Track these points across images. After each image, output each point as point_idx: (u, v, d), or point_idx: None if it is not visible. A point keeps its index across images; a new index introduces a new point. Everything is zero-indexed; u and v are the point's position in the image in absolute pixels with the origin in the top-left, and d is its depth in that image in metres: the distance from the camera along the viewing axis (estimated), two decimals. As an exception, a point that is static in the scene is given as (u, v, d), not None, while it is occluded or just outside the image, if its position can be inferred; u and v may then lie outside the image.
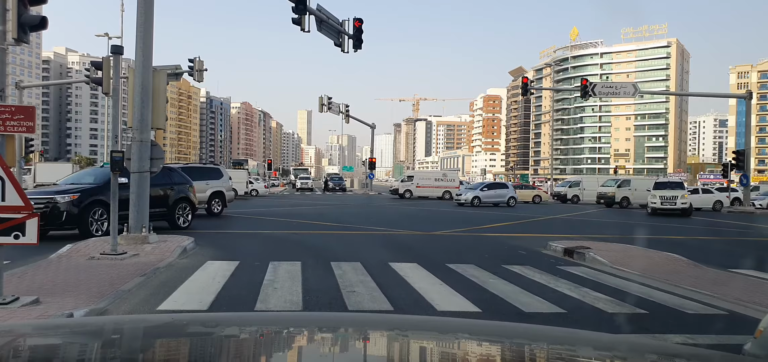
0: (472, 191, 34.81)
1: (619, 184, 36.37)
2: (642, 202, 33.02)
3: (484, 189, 34.76)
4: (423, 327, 1.86)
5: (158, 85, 12.41)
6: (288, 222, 19.53)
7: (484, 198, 33.57)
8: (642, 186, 35.33)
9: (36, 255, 9.46)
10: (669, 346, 2.68)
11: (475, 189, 35.45)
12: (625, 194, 35.36)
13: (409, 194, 45.19)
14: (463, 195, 34.41)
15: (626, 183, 36.66)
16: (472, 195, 33.87)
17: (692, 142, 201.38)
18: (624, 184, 36.37)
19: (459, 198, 35.01)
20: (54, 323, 2.62)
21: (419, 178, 47.43)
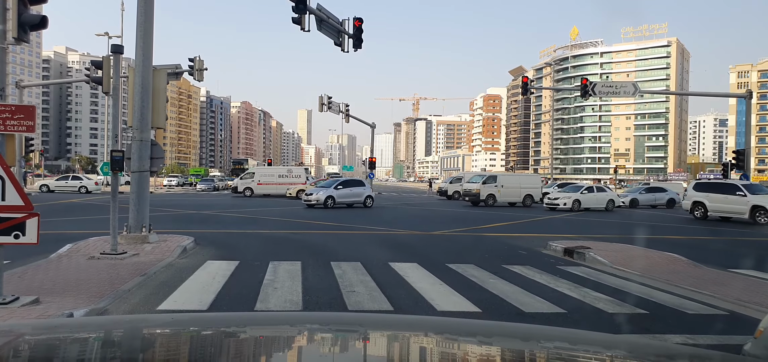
0: (325, 190, 28.23)
1: (484, 181, 33.66)
2: (510, 200, 33.17)
3: (338, 187, 28.57)
4: (423, 327, 1.86)
5: (158, 84, 12.40)
6: (288, 221, 19.53)
7: (338, 199, 27.86)
8: (510, 183, 34.42)
9: (36, 254, 9.46)
10: (669, 346, 2.68)
11: (329, 187, 28.73)
12: (490, 191, 33.14)
13: (249, 192, 41.66)
14: (314, 195, 27.79)
15: (492, 179, 33.97)
16: (325, 194, 27.59)
17: (692, 141, 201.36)
18: (489, 181, 33.69)
19: (309, 198, 27.91)
20: (54, 323, 2.62)
21: (261, 175, 43.85)
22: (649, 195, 37.00)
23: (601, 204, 30.34)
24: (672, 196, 36.45)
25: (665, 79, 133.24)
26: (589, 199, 30.04)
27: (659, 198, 36.52)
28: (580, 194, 29.87)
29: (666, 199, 36.33)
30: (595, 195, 30.54)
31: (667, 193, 37.08)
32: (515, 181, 35.49)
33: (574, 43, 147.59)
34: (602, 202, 30.41)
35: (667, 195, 36.63)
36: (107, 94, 13.97)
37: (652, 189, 38.83)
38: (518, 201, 33.67)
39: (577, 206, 29.25)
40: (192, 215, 22.17)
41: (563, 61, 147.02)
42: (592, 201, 30.10)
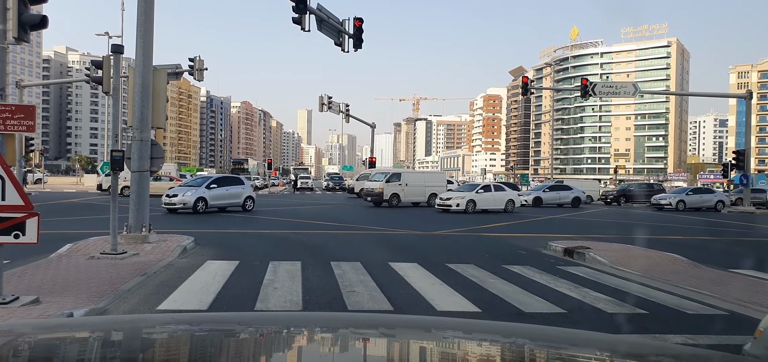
0: (193, 190, 21.78)
1: (387, 179, 30.17)
2: (414, 200, 30.45)
3: (211, 186, 22.48)
4: (423, 327, 1.86)
5: (158, 84, 12.40)
6: (288, 221, 19.53)
7: (211, 201, 22.09)
8: (415, 181, 31.16)
9: (36, 254, 9.47)
10: (669, 346, 2.68)
11: (199, 186, 22.28)
12: (394, 190, 29.81)
13: None
14: (179, 197, 21.38)
15: (396, 177, 30.53)
16: (195, 196, 21.37)
17: (692, 141, 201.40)
18: (393, 179, 30.21)
19: (172, 202, 21.44)
20: (54, 323, 2.62)
21: None
22: (553, 193, 35.52)
23: (500, 204, 26.94)
24: (577, 194, 35.17)
25: (665, 79, 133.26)
26: (485, 199, 26.57)
27: (564, 196, 35.15)
28: (475, 194, 26.40)
29: (571, 198, 34.93)
30: (492, 195, 27.07)
31: (572, 191, 35.59)
32: (420, 179, 32.01)
33: (574, 43, 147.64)
34: (501, 202, 27.00)
35: (572, 194, 35.22)
36: (107, 94, 13.98)
37: (556, 187, 37.14)
38: (423, 200, 30.79)
39: (472, 207, 25.78)
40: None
41: (563, 62, 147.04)
42: (489, 202, 26.67)
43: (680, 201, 32.95)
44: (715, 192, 37.24)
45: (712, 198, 34.65)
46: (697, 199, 33.85)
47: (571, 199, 34.99)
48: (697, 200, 33.82)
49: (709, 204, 33.77)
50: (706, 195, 35.19)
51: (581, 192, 36.05)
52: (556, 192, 35.75)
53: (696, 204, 33.33)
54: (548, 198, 34.98)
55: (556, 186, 38.10)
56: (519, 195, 30.62)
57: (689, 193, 34.62)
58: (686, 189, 36.15)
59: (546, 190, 36.17)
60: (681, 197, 33.52)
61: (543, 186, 39.20)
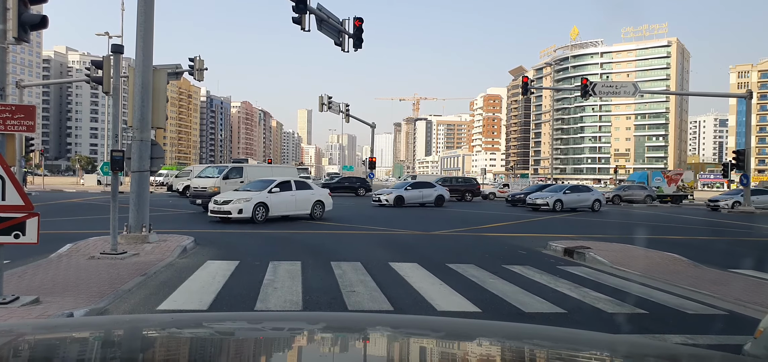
0: None
1: (225, 175, 23.42)
2: None
3: None
4: (423, 327, 1.86)
5: (158, 84, 12.40)
6: (288, 221, 19.52)
7: None
8: (261, 176, 22.29)
9: (36, 254, 9.47)
10: (669, 346, 2.68)
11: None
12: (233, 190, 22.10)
13: None
14: None
15: (236, 172, 24.36)
16: None
17: (692, 141, 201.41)
18: (233, 175, 23.77)
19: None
20: (54, 323, 2.62)
21: None
22: (416, 191, 31.05)
23: (305, 208, 19.50)
24: (440, 193, 31.49)
25: (665, 79, 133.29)
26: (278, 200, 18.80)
27: (427, 195, 31.05)
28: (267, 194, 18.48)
29: (434, 196, 31.12)
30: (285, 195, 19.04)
31: (435, 189, 31.83)
32: (266, 174, 23.91)
33: (574, 43, 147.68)
34: (305, 207, 19.50)
35: (436, 192, 31.46)
36: (107, 94, 13.98)
37: (418, 185, 32.40)
38: None
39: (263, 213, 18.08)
40: (193, 215, 22.16)
41: (563, 61, 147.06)
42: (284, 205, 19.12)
43: (557, 200, 29.02)
44: (593, 190, 32.76)
45: (590, 198, 30.64)
46: (575, 198, 30.18)
47: (434, 198, 30.74)
48: (575, 199, 30.16)
49: (586, 204, 30.20)
50: (584, 194, 31.11)
51: (444, 191, 31.84)
52: (419, 191, 30.98)
53: (573, 204, 29.80)
54: (410, 196, 30.32)
55: (418, 183, 32.76)
56: (380, 194, 29.48)
57: (566, 191, 30.42)
58: (563, 187, 31.69)
59: (408, 188, 31.01)
60: (558, 196, 29.43)
61: (405, 183, 33.01)
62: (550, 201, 28.71)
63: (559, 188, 31.70)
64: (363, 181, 47.49)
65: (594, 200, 30.36)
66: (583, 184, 36.62)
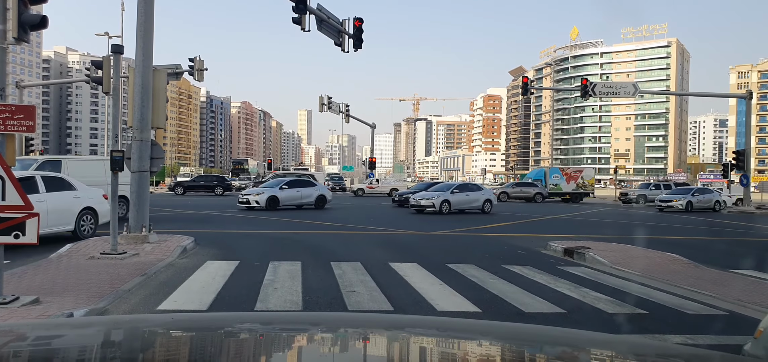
0: None
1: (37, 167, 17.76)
2: None
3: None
4: (423, 327, 1.86)
5: (158, 84, 12.40)
6: (288, 221, 19.53)
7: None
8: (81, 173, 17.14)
9: (36, 254, 9.47)
10: (669, 346, 2.68)
11: None
12: None
13: None
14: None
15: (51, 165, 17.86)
16: None
17: (692, 141, 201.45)
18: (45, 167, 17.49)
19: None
20: (54, 323, 2.62)
21: None
22: (293, 191, 26.63)
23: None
24: (323, 193, 27.57)
25: (665, 79, 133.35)
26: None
27: (306, 195, 26.87)
28: None
29: (315, 197, 27.06)
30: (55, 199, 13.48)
31: (316, 189, 27.57)
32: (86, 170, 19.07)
33: (574, 43, 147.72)
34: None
35: (317, 192, 27.27)
36: (107, 94, 13.99)
37: (296, 183, 27.60)
38: None
39: None
40: (192, 215, 22.18)
41: (563, 62, 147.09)
42: None
43: (444, 201, 24.61)
44: (483, 189, 28.70)
45: (480, 197, 26.31)
46: (463, 199, 25.56)
47: (314, 199, 26.45)
48: (464, 199, 25.55)
49: (476, 205, 25.94)
50: (474, 194, 26.45)
51: (326, 191, 28.11)
52: (297, 190, 26.50)
53: (462, 205, 25.38)
54: (286, 197, 25.66)
55: (296, 181, 28.01)
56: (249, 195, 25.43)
57: (455, 191, 25.62)
58: (452, 186, 26.94)
59: (283, 187, 26.19)
60: (445, 196, 24.87)
61: (280, 181, 27.41)
62: (436, 201, 24.30)
63: (446, 187, 26.95)
64: (221, 180, 45.85)
65: (485, 200, 26.16)
66: (473, 183, 32.57)
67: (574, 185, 45.96)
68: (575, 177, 46.88)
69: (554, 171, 48.84)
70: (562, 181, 46.07)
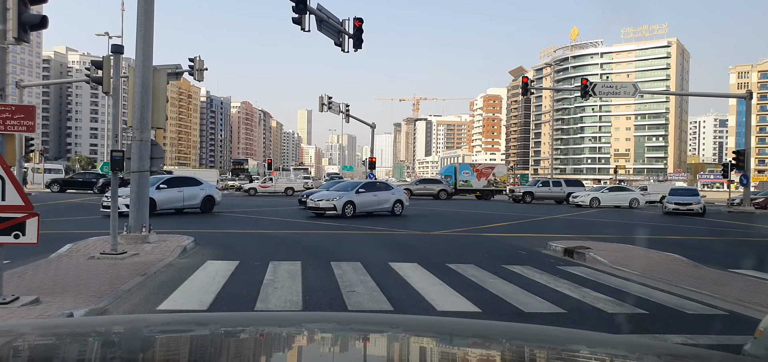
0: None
1: None
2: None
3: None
4: (423, 327, 1.86)
5: (158, 84, 12.40)
6: (288, 221, 19.52)
7: None
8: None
9: (36, 254, 9.46)
10: (669, 346, 2.68)
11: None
12: None
13: None
14: None
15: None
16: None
17: (692, 142, 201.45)
18: None
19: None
20: (54, 323, 2.62)
21: None
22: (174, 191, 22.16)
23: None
24: (210, 193, 23.55)
25: (665, 79, 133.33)
26: None
27: (189, 196, 22.91)
28: None
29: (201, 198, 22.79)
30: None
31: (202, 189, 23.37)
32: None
33: (574, 43, 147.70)
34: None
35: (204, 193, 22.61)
36: (107, 94, 14.00)
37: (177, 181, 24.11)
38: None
39: None
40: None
41: (563, 62, 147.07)
42: None
43: (347, 202, 20.98)
44: (394, 189, 24.55)
45: (390, 198, 22.76)
46: (371, 200, 22.03)
47: (200, 201, 21.68)
48: (371, 201, 22.06)
49: (385, 206, 22.26)
50: (383, 194, 22.68)
51: (215, 190, 23.70)
52: (178, 190, 21.72)
53: (369, 207, 21.91)
54: (165, 198, 20.76)
55: (176, 179, 23.75)
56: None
57: (360, 190, 21.94)
58: (357, 184, 23.10)
59: (161, 186, 20.91)
60: (349, 197, 21.21)
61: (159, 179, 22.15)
62: (337, 203, 20.58)
63: (351, 185, 23.06)
64: (101, 176, 40.83)
65: (395, 201, 22.53)
66: (383, 181, 27.20)
67: (486, 182, 45.42)
68: (486, 173, 46.30)
69: (465, 167, 48.00)
70: (473, 177, 45.44)
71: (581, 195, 36.48)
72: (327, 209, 20.73)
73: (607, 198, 35.65)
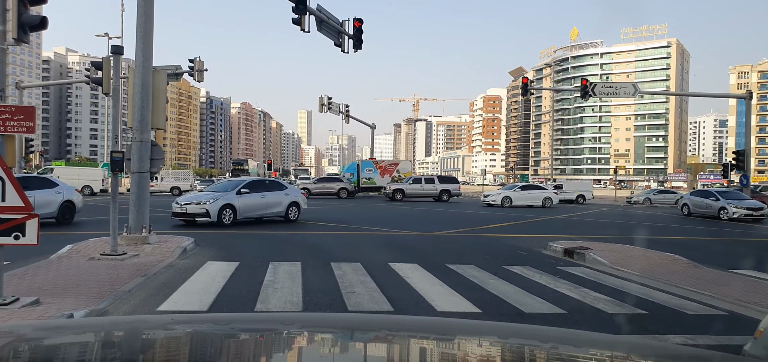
0: None
1: None
2: None
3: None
4: (423, 328, 1.86)
5: (158, 85, 12.41)
6: (287, 221, 19.50)
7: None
8: None
9: (36, 255, 9.46)
10: (669, 347, 2.68)
11: None
12: None
13: None
14: None
15: None
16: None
17: (692, 142, 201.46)
18: None
19: None
20: (54, 323, 2.62)
21: None
22: None
23: None
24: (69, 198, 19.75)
25: (665, 79, 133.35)
26: None
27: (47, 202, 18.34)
28: None
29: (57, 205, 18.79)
30: None
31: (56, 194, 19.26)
32: None
33: (574, 43, 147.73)
34: None
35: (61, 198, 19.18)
36: (107, 95, 13.98)
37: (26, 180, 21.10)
38: None
39: None
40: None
41: (563, 62, 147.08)
42: None
43: (226, 207, 17.19)
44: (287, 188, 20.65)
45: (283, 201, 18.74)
46: (257, 203, 18.10)
47: (56, 208, 17.06)
48: (258, 203, 18.15)
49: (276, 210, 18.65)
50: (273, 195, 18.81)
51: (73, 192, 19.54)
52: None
53: (253, 211, 17.96)
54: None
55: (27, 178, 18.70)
56: None
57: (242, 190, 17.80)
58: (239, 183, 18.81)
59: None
60: (226, 200, 17.33)
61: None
62: (211, 208, 16.82)
63: (233, 184, 18.89)
64: None
65: (289, 204, 18.83)
66: (275, 180, 22.97)
67: (389, 179, 44.13)
68: (390, 170, 45.04)
69: (367, 164, 46.12)
70: (376, 174, 44.10)
71: (492, 195, 34.61)
72: (197, 215, 16.51)
73: (519, 197, 33.89)
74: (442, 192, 37.88)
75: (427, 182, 38.82)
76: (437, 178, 40.44)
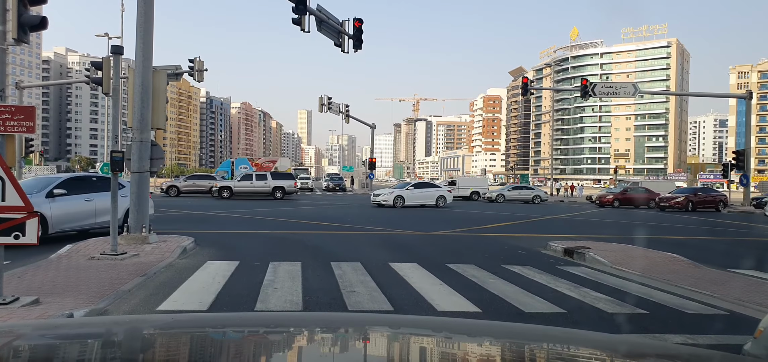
0: None
1: None
2: None
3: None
4: (423, 327, 1.86)
5: (158, 85, 12.40)
6: (288, 222, 19.52)
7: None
8: None
9: (36, 255, 9.46)
10: (669, 346, 2.68)
11: None
12: None
13: None
14: None
15: None
16: None
17: (692, 142, 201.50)
18: None
19: None
20: (54, 323, 2.62)
21: None
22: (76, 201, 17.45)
23: None
24: None
25: (665, 79, 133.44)
26: None
27: None
28: None
29: None
30: None
31: None
32: None
33: (574, 43, 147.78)
34: None
35: None
36: (107, 95, 13.99)
37: None
38: None
39: None
40: (192, 215, 22.17)
41: (563, 62, 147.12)
42: None
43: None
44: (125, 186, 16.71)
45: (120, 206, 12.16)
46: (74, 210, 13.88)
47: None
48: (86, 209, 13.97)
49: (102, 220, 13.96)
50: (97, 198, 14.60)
51: None
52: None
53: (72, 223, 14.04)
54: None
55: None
56: None
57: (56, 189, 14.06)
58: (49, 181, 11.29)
59: None
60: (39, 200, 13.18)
61: None
62: None
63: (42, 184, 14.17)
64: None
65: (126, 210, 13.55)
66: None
67: None
68: (267, 168, 43.19)
69: (242, 161, 44.66)
70: (251, 172, 41.88)
71: (384, 194, 32.63)
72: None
73: (411, 195, 32.03)
74: (275, 189, 36.38)
75: (258, 179, 36.98)
76: (270, 174, 38.26)
